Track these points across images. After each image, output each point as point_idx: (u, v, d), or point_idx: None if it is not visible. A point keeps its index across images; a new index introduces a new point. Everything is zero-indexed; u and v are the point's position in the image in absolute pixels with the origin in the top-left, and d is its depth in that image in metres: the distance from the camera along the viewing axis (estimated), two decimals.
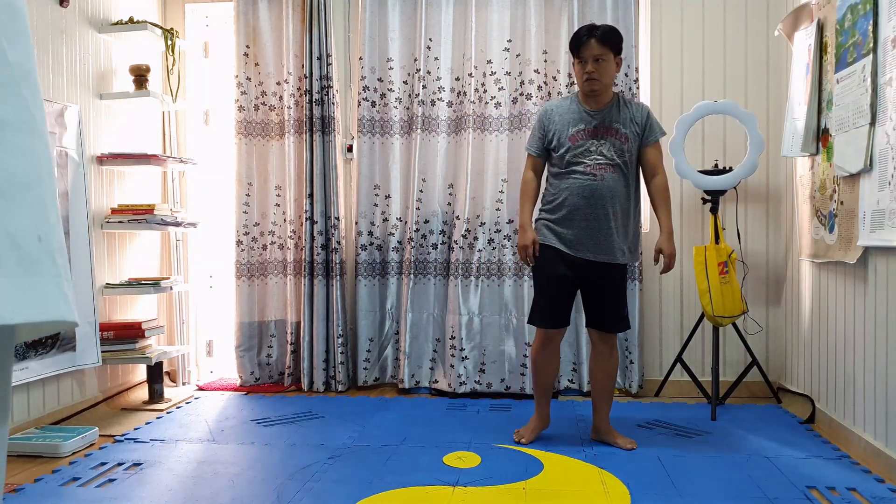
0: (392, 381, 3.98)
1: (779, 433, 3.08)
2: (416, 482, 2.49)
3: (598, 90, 2.78)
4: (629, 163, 2.81)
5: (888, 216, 2.46)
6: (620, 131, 2.80)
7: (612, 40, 2.76)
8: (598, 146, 2.78)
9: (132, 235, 3.81)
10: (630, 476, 2.55)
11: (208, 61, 4.25)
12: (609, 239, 2.79)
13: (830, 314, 3.09)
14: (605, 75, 2.76)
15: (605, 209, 2.77)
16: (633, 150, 2.82)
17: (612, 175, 2.77)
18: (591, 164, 2.78)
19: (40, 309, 0.69)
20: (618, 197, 2.78)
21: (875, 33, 2.55)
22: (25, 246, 0.69)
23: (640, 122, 2.83)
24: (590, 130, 2.80)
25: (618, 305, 2.89)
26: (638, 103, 2.91)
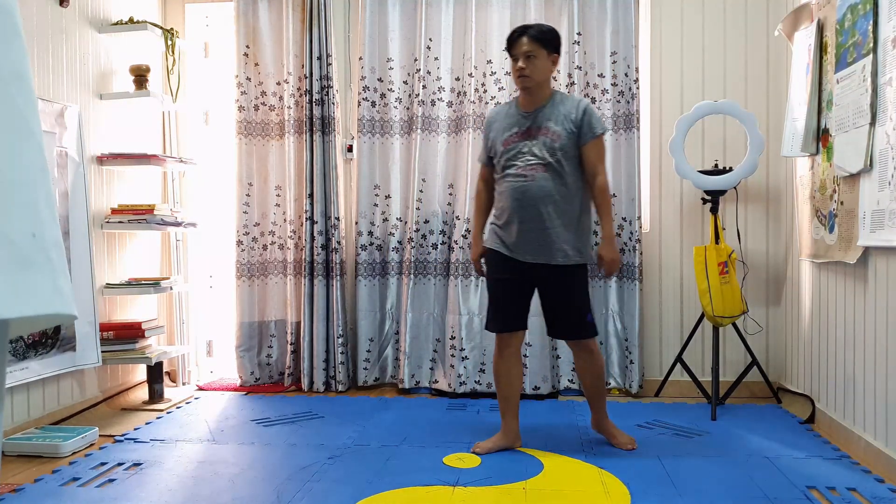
0: (392, 381, 3.98)
1: (779, 433, 3.08)
2: (416, 482, 2.49)
3: (530, 87, 2.72)
4: (563, 161, 2.70)
5: (888, 216, 2.46)
6: (552, 129, 2.71)
7: (544, 38, 2.70)
8: (530, 147, 2.72)
9: (132, 235, 3.81)
10: (630, 476, 2.55)
11: (208, 61, 4.25)
12: (546, 240, 2.70)
13: (830, 314, 3.09)
14: (536, 72, 2.69)
15: (538, 209, 2.69)
16: (568, 148, 2.70)
17: (544, 174, 2.69)
18: (523, 165, 2.72)
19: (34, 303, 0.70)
20: (551, 196, 2.69)
21: (875, 33, 2.55)
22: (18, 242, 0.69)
23: (574, 119, 2.72)
24: (522, 132, 2.75)
25: (574, 310, 2.78)
26: (576, 99, 2.80)
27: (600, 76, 3.83)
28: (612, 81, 3.81)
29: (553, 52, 2.74)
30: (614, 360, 3.85)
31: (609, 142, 3.81)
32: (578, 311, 2.78)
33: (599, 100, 3.82)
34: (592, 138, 2.72)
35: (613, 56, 3.80)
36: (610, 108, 3.81)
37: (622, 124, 3.81)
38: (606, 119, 3.82)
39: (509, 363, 2.85)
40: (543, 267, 2.73)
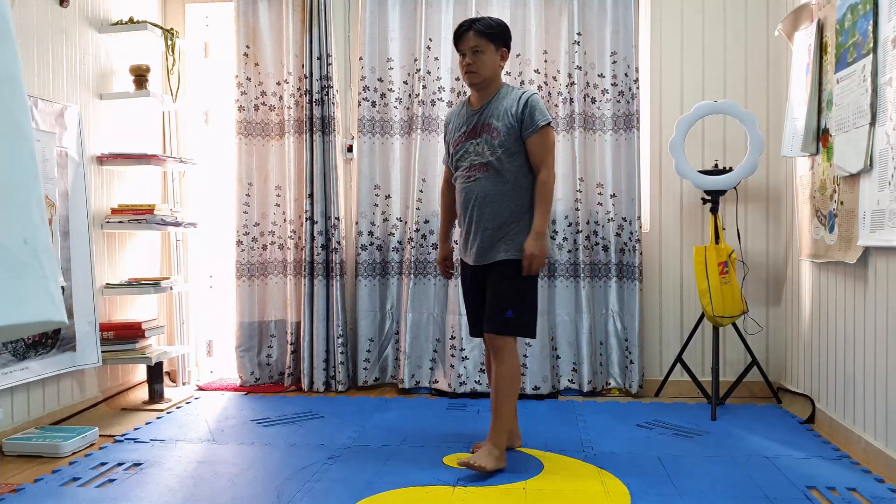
0: (392, 381, 3.98)
1: (779, 433, 3.08)
2: (416, 482, 2.49)
3: (477, 83, 2.63)
4: (504, 159, 2.58)
5: (888, 216, 2.46)
6: (493, 126, 2.61)
7: (491, 32, 2.61)
8: (475, 146, 2.64)
9: (132, 235, 3.81)
10: (630, 476, 2.55)
11: (208, 61, 4.26)
12: (485, 242, 2.62)
13: (830, 314, 3.09)
14: (483, 67, 2.60)
15: (478, 212, 2.62)
16: (509, 145, 2.59)
17: (484, 175, 2.61)
18: (467, 165, 2.66)
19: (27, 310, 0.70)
20: (489, 198, 2.60)
21: (875, 33, 2.55)
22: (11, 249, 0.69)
23: (514, 112, 2.59)
24: (469, 132, 2.67)
25: (495, 301, 2.62)
26: (519, 91, 2.66)
27: (600, 76, 3.83)
28: (612, 81, 3.81)
29: (501, 46, 2.64)
30: (614, 360, 3.85)
31: (609, 142, 3.81)
32: (499, 303, 2.61)
33: (599, 100, 3.83)
34: (535, 132, 2.58)
35: (613, 56, 3.80)
36: (610, 108, 3.81)
37: (622, 124, 3.81)
38: (606, 119, 3.82)
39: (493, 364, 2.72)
40: (482, 268, 2.67)
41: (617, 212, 3.82)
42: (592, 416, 3.38)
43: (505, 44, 2.67)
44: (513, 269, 2.60)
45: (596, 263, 3.86)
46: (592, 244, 3.86)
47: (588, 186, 3.86)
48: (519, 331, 2.64)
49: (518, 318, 2.62)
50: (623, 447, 2.90)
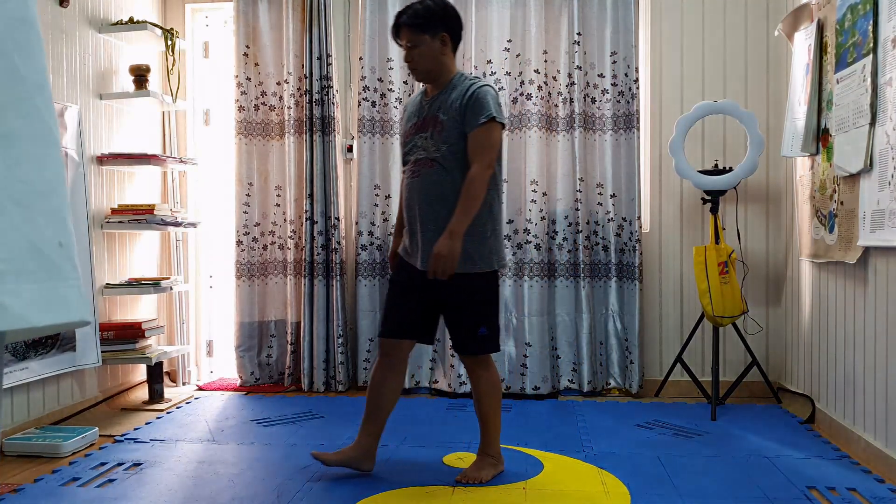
0: None
1: (779, 433, 3.08)
2: (416, 482, 2.49)
3: (421, 78, 2.50)
4: (449, 156, 2.38)
5: (888, 216, 2.46)
6: (439, 119, 2.41)
7: (419, 22, 2.40)
8: (423, 140, 2.44)
9: (132, 235, 3.81)
10: (630, 476, 2.55)
11: (208, 61, 4.26)
12: (428, 246, 2.40)
13: (830, 314, 3.09)
14: (422, 61, 2.43)
15: (425, 210, 2.42)
16: (454, 140, 2.38)
17: (429, 171, 2.41)
18: (414, 160, 2.47)
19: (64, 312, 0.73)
20: (434, 196, 2.40)
21: (875, 33, 2.55)
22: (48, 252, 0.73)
23: (459, 105, 2.38)
24: (418, 124, 2.48)
25: (464, 322, 2.46)
26: (469, 82, 2.43)
27: (600, 76, 3.83)
28: (612, 81, 3.81)
29: (439, 31, 2.42)
30: (614, 360, 3.85)
31: (609, 142, 3.81)
32: (469, 324, 2.45)
33: (599, 100, 3.83)
34: (476, 126, 2.35)
35: (613, 56, 3.80)
36: (610, 108, 3.81)
37: (622, 124, 3.81)
38: (606, 119, 3.82)
39: (384, 372, 2.54)
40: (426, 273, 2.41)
41: (617, 212, 3.82)
42: (592, 416, 3.38)
43: (445, 28, 2.43)
44: (479, 282, 2.43)
45: (596, 263, 3.86)
46: (592, 244, 3.86)
47: (588, 186, 3.86)
48: (492, 346, 2.50)
49: (490, 333, 2.48)
50: (623, 447, 2.90)
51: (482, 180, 2.35)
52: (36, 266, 0.71)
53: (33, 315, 0.70)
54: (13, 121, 0.72)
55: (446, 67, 2.47)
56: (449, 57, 2.48)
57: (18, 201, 0.71)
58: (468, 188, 2.34)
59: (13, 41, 0.73)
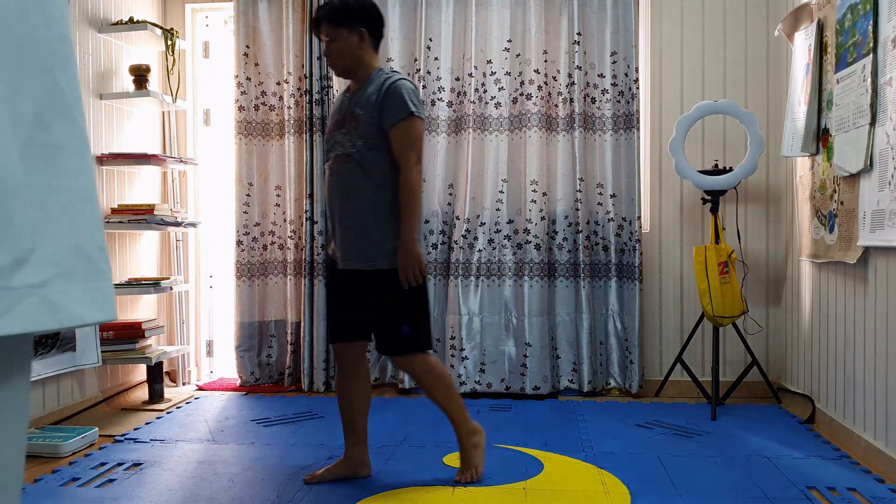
0: (392, 382, 3.98)
1: (779, 433, 3.08)
2: (416, 482, 2.49)
3: (339, 73, 2.46)
4: (365, 151, 2.34)
5: (888, 216, 2.47)
6: (357, 115, 2.37)
7: (335, 16, 2.37)
8: (341, 136, 2.40)
9: (132, 235, 3.81)
10: (630, 476, 2.55)
11: (208, 61, 4.26)
12: (349, 242, 2.38)
13: (830, 314, 3.09)
14: (339, 56, 2.39)
15: (342, 208, 2.39)
16: (369, 137, 2.34)
17: (346, 167, 2.37)
18: (333, 157, 2.43)
19: (106, 310, 0.81)
20: (349, 193, 2.36)
21: (875, 33, 2.55)
22: (91, 255, 0.80)
23: (375, 101, 2.34)
24: (339, 120, 2.44)
25: (385, 321, 2.40)
26: (384, 76, 2.40)
27: (600, 76, 3.83)
28: (612, 81, 3.81)
29: (356, 26, 2.38)
30: (614, 360, 3.85)
31: (609, 142, 3.82)
32: (391, 323, 2.40)
33: (599, 100, 3.83)
34: (395, 123, 2.32)
35: (613, 56, 3.80)
36: (610, 108, 3.82)
37: (622, 124, 3.81)
38: (606, 119, 3.82)
39: (346, 380, 2.50)
40: (354, 272, 2.40)
41: (617, 212, 3.83)
42: (592, 416, 3.38)
43: (362, 23, 2.40)
44: (395, 279, 2.36)
45: (596, 263, 3.86)
46: (592, 244, 3.86)
47: (588, 186, 3.86)
48: (418, 345, 2.42)
49: (414, 332, 2.40)
50: (623, 447, 2.90)
51: (416, 179, 2.36)
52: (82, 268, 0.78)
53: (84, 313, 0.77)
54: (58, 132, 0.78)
55: (365, 63, 2.44)
56: (367, 52, 2.44)
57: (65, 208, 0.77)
58: (404, 193, 2.34)
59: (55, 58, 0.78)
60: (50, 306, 0.73)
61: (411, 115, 2.34)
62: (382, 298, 2.39)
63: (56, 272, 0.74)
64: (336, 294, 2.53)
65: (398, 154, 2.35)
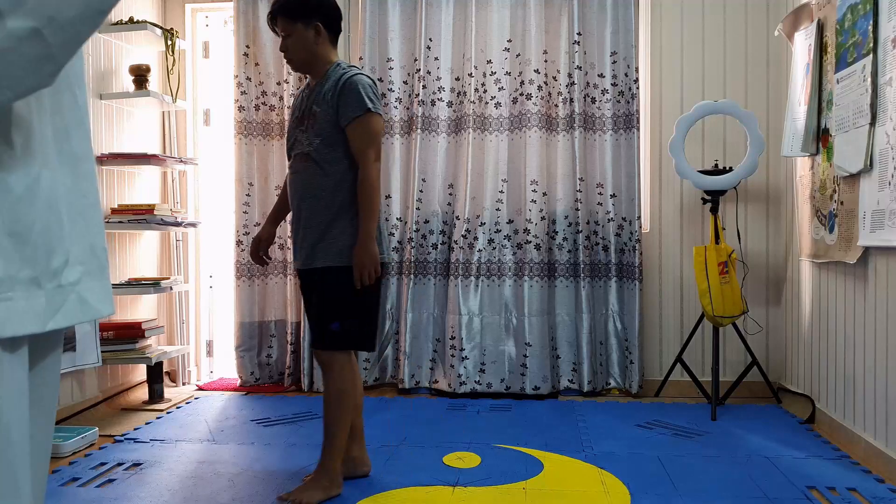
0: (392, 382, 3.98)
1: (779, 433, 3.08)
2: (416, 482, 2.49)
3: (295, 68, 2.42)
4: (323, 150, 2.30)
5: (888, 216, 2.47)
6: (314, 112, 2.33)
7: (290, 11, 2.33)
8: (300, 134, 2.37)
9: (132, 235, 3.81)
10: (630, 476, 2.55)
11: (208, 61, 4.26)
12: (308, 243, 2.35)
13: (830, 314, 3.09)
14: (294, 51, 2.35)
15: (300, 207, 2.36)
16: (327, 134, 2.30)
17: (304, 165, 2.34)
18: (293, 155, 2.39)
19: (112, 304, 0.88)
20: (307, 192, 2.33)
21: (875, 33, 2.55)
22: (100, 255, 0.88)
23: (331, 98, 2.30)
24: (298, 118, 2.40)
25: (319, 314, 2.35)
26: (341, 71, 2.34)
27: (600, 76, 3.83)
28: (612, 81, 3.81)
29: (312, 20, 2.34)
30: (614, 360, 3.85)
31: (609, 142, 3.82)
32: (325, 316, 2.34)
33: (599, 100, 3.83)
34: (351, 119, 2.27)
35: (613, 56, 3.80)
36: (610, 108, 3.82)
37: (622, 124, 3.81)
38: (606, 119, 3.82)
39: (325, 382, 2.42)
40: (311, 272, 2.37)
41: (617, 212, 3.83)
42: (592, 416, 3.38)
43: (319, 17, 2.35)
44: (337, 277, 2.31)
45: (596, 263, 3.86)
46: (592, 244, 3.86)
47: (588, 186, 3.86)
48: (348, 343, 2.36)
49: (347, 329, 2.33)
50: (623, 447, 2.90)
51: (375, 176, 2.31)
52: (96, 267, 0.85)
53: (102, 307, 0.85)
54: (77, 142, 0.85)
55: (322, 58, 2.39)
56: (324, 47, 2.39)
57: (82, 211, 0.85)
58: (362, 191, 2.29)
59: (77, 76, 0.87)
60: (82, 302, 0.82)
61: (368, 111, 2.28)
62: (322, 293, 2.34)
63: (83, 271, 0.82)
64: (305, 299, 2.50)
65: (356, 151, 2.30)
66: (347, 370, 2.36)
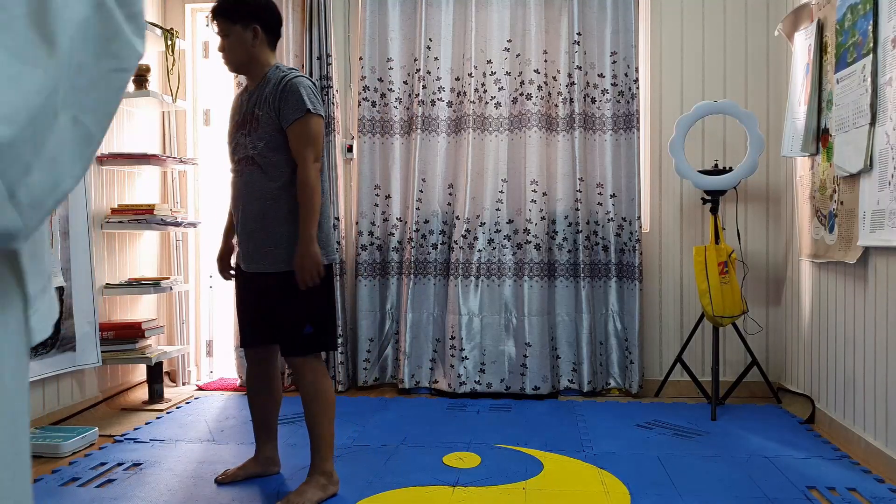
0: (392, 382, 3.98)
1: (779, 433, 3.09)
2: (416, 482, 2.49)
3: (232, 69, 2.41)
4: (267, 154, 2.30)
5: (888, 216, 2.47)
6: (256, 115, 2.32)
7: (228, 13, 2.32)
8: (243, 138, 2.35)
9: (132, 235, 3.81)
10: (630, 476, 2.55)
11: (208, 61, 4.25)
12: (254, 245, 2.35)
13: (830, 314, 3.09)
14: (232, 52, 2.34)
15: (245, 211, 2.35)
16: (270, 137, 2.29)
17: (249, 170, 2.33)
18: (236, 159, 2.38)
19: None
20: (252, 196, 2.33)
21: (875, 33, 2.55)
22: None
23: (273, 100, 2.29)
24: (239, 121, 2.39)
25: (288, 322, 2.35)
26: (281, 74, 2.34)
27: (600, 76, 3.83)
28: (612, 81, 3.81)
29: (250, 23, 2.33)
30: (614, 360, 3.85)
31: (609, 142, 3.82)
32: (294, 321, 2.35)
33: (599, 100, 3.83)
34: (293, 121, 2.27)
35: (613, 56, 3.80)
36: (610, 108, 3.81)
37: (622, 124, 3.81)
38: (606, 119, 3.82)
39: (257, 381, 2.51)
40: (260, 276, 2.37)
41: (617, 212, 3.83)
42: (592, 416, 3.38)
43: (257, 20, 2.34)
44: (294, 281, 2.32)
45: (596, 263, 3.86)
46: (592, 244, 3.86)
47: (588, 186, 3.86)
48: (320, 346, 2.39)
49: (318, 332, 2.36)
50: (623, 447, 2.90)
51: (314, 177, 2.30)
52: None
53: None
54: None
55: (260, 60, 2.38)
56: (262, 50, 2.38)
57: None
58: (302, 192, 2.28)
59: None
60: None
61: (308, 112, 2.27)
62: (286, 300, 2.34)
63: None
64: (244, 298, 2.50)
65: (295, 152, 2.29)
66: (320, 370, 2.39)
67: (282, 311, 2.35)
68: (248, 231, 2.36)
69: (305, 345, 2.35)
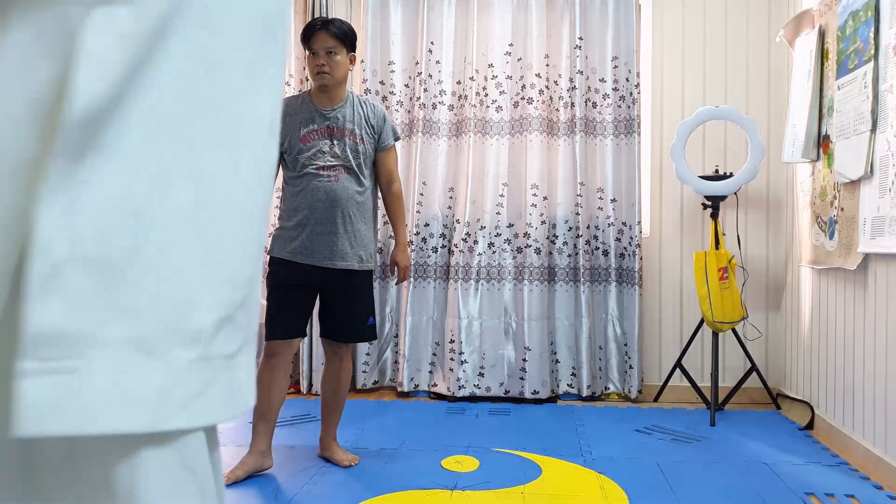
0: (391, 385, 3.98)
1: (778, 439, 3.08)
2: (414, 486, 2.49)
3: (329, 85, 2.61)
4: (363, 165, 2.65)
5: (888, 223, 2.47)
6: (353, 131, 2.64)
7: (345, 35, 2.62)
8: (331, 146, 2.61)
9: None
10: (628, 481, 2.54)
11: None
12: (343, 243, 2.60)
13: (830, 321, 3.09)
14: (336, 70, 2.60)
15: (338, 212, 2.58)
16: (368, 153, 2.67)
17: (346, 176, 2.61)
18: (322, 164, 2.59)
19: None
20: (351, 200, 2.61)
21: (876, 40, 2.56)
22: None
23: (374, 124, 2.69)
24: (322, 130, 2.63)
25: (362, 314, 2.73)
26: (374, 105, 2.75)
27: (601, 81, 3.83)
28: (613, 86, 3.81)
29: (351, 50, 2.67)
30: (613, 365, 3.85)
31: (609, 146, 3.82)
32: (363, 313, 2.74)
33: (600, 104, 3.83)
34: (389, 146, 2.74)
35: (615, 61, 3.81)
36: (611, 113, 3.82)
37: (623, 129, 3.82)
38: (607, 124, 3.82)
39: (276, 373, 2.63)
40: (334, 271, 2.60)
41: (617, 216, 3.83)
42: (591, 421, 3.37)
43: (354, 49, 2.70)
44: (368, 277, 2.76)
45: (596, 268, 3.86)
46: (592, 249, 3.86)
47: (588, 191, 3.86)
48: (375, 333, 2.91)
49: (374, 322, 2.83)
50: (622, 452, 2.89)
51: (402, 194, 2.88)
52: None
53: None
54: None
55: (346, 83, 2.73)
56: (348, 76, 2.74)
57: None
58: (400, 203, 2.83)
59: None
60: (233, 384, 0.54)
61: (398, 140, 2.82)
62: (361, 294, 2.73)
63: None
64: (296, 293, 2.64)
65: (391, 171, 2.77)
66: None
67: (356, 303, 2.71)
68: (336, 231, 2.61)
69: (371, 333, 2.81)
